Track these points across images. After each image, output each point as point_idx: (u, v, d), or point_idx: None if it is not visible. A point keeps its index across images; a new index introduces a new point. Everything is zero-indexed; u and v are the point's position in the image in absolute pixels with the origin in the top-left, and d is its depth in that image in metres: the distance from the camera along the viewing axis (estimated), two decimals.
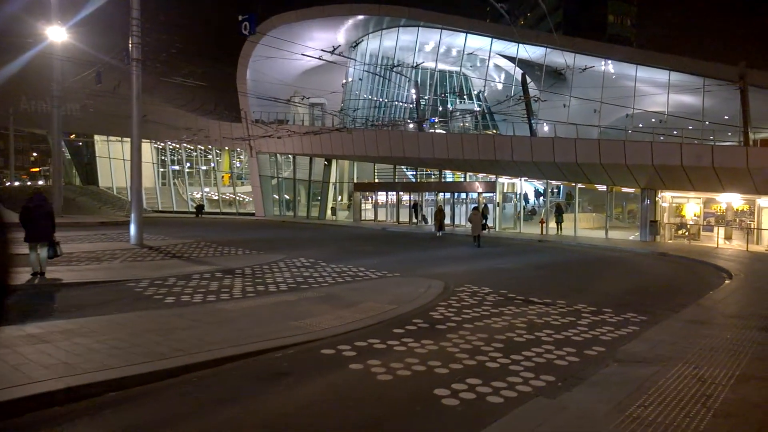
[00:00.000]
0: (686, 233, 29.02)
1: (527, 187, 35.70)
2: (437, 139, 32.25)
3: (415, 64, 39.61)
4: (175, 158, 50.47)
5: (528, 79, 31.47)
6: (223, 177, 51.42)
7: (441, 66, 39.77)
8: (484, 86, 40.16)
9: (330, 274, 13.27)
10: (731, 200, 29.18)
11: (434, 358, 6.57)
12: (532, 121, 30.39)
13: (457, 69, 39.68)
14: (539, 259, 18.69)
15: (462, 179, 35.30)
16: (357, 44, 42.69)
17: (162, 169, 50.63)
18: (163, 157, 50.28)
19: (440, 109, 41.03)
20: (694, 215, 32.48)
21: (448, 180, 37.19)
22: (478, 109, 41.32)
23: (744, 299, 11.07)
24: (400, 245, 22.90)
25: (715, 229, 27.21)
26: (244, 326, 7.54)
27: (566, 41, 34.49)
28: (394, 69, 36.01)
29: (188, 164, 50.55)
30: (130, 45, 19.13)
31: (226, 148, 46.39)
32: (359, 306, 9.29)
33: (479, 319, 8.79)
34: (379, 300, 9.89)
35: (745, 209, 31.32)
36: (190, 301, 9.49)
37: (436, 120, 41.23)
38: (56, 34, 29.66)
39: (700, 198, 31.35)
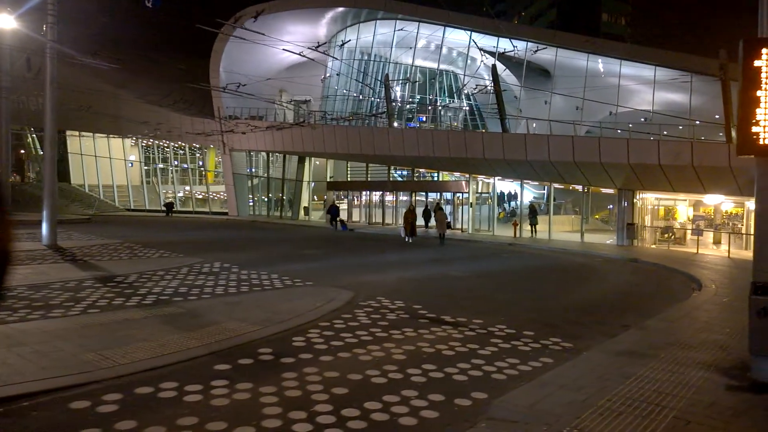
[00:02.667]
0: (671, 237, 27.15)
1: (509, 187, 33.79)
2: (408, 135, 30.34)
3: (391, 59, 37.84)
4: (158, 156, 48.78)
5: (500, 72, 29.61)
6: (206, 175, 49.65)
7: (419, 61, 37.91)
8: (464, 82, 38.29)
9: (229, 283, 11.38)
10: (720, 202, 27.29)
11: (227, 417, 4.67)
12: (508, 118, 28.48)
13: (435, 65, 37.80)
14: (494, 265, 16.82)
15: (449, 179, 33.07)
16: (335, 38, 40.85)
17: (146, 167, 49.09)
18: (147, 155, 48.75)
19: (429, 107, 39.05)
20: (688, 218, 30.61)
21: (435, 179, 35.20)
22: (457, 105, 39.48)
23: (704, 319, 9.17)
24: (355, 249, 21.01)
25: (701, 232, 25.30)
26: (7, 360, 5.67)
27: (548, 35, 32.74)
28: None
29: (175, 162, 48.89)
30: (45, 26, 17.33)
31: (211, 146, 44.46)
32: (211, 327, 7.42)
33: (351, 348, 6.90)
34: (247, 319, 8.02)
35: (738, 212, 29.43)
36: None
37: (425, 118, 39.40)
38: (4, 21, 27.84)
39: (686, 200, 29.45)
